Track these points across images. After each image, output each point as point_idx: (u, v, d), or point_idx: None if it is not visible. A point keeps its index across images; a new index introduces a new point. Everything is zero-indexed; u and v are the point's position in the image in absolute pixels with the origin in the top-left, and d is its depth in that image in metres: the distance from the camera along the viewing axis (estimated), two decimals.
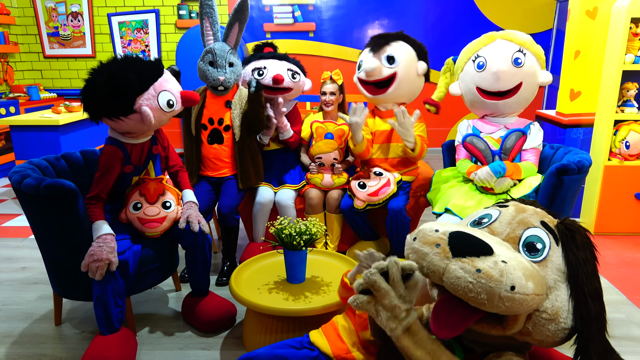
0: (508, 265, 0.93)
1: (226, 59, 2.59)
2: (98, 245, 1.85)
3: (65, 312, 2.34)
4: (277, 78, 2.67)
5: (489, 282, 0.91)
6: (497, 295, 0.91)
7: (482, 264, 0.93)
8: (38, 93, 5.59)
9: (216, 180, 2.69)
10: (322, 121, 2.84)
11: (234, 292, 1.92)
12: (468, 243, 0.97)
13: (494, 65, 2.22)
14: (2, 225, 3.60)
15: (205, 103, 2.68)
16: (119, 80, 1.85)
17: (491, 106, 2.32)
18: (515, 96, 2.25)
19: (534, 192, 2.11)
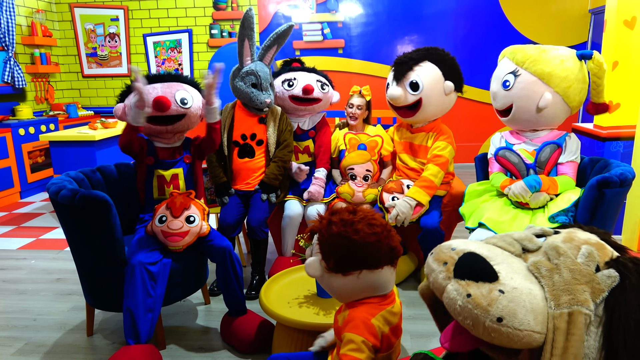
0: (506, 295, 0.90)
1: (268, 81, 2.65)
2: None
3: (98, 322, 2.37)
4: (308, 88, 2.70)
5: (475, 309, 0.90)
6: (482, 324, 0.90)
7: (474, 290, 0.92)
8: (76, 111, 5.81)
9: (245, 193, 2.70)
10: (355, 132, 2.83)
11: (264, 306, 1.90)
12: (473, 265, 0.96)
13: (491, 86, 2.31)
14: (39, 238, 3.71)
15: (235, 119, 2.71)
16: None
17: (504, 122, 2.34)
18: (510, 116, 2.25)
19: (573, 207, 2.03)
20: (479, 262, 0.95)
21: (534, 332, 0.89)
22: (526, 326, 0.88)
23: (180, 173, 2.25)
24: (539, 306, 0.90)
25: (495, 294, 0.89)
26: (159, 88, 2.16)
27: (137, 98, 1.97)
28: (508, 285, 0.91)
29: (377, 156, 2.78)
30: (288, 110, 2.85)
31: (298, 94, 2.75)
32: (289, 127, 2.77)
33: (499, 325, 0.88)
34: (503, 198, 2.26)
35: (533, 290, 0.92)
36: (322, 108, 2.89)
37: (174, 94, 2.18)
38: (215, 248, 2.11)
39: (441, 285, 0.98)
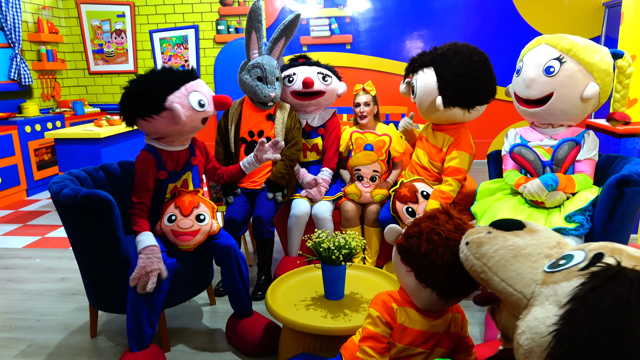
0: (490, 235, 1.11)
1: (274, 75, 2.58)
2: (147, 257, 1.84)
3: (101, 324, 2.33)
4: (307, 81, 2.63)
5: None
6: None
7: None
8: (83, 108, 5.78)
9: (251, 191, 2.65)
10: (362, 132, 2.74)
11: (270, 309, 1.84)
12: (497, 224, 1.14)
13: (525, 72, 2.11)
14: (45, 236, 3.68)
15: (242, 116, 2.65)
16: (151, 80, 1.94)
17: (526, 113, 2.19)
18: (546, 107, 2.09)
19: (590, 206, 1.95)
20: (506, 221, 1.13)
21: (480, 261, 1.09)
22: (477, 251, 1.10)
23: (189, 177, 2.17)
24: (512, 252, 1.06)
25: (482, 234, 1.13)
26: (203, 85, 2.06)
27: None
28: (508, 237, 1.09)
29: (384, 156, 2.70)
30: (294, 107, 2.78)
31: (298, 89, 2.69)
32: (297, 124, 2.70)
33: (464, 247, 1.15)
34: (517, 196, 2.19)
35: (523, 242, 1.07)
36: (329, 101, 2.81)
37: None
38: (220, 247, 2.06)
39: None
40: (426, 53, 2.49)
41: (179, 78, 1.98)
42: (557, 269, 0.97)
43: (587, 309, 0.80)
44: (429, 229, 1.30)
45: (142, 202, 1.98)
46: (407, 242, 1.33)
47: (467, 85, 2.35)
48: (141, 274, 1.80)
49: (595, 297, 0.80)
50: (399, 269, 1.39)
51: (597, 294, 0.80)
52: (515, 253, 1.06)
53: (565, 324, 0.82)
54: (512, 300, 1.02)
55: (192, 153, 2.18)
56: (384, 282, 2.06)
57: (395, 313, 1.36)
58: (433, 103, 2.41)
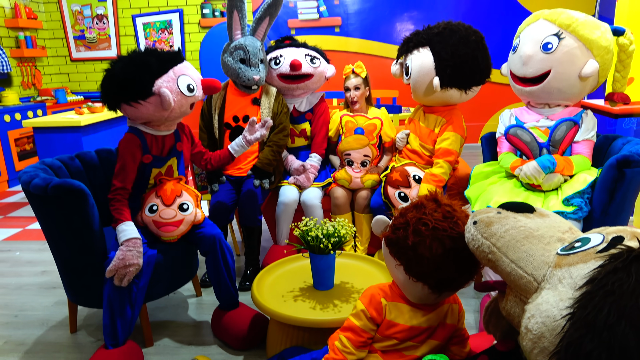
0: (500, 215, 1.05)
1: (258, 56, 2.45)
2: (128, 249, 1.74)
3: (82, 319, 2.24)
4: (295, 63, 2.51)
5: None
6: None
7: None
8: (65, 96, 5.61)
9: (237, 179, 2.55)
10: (352, 115, 2.64)
11: (256, 301, 1.76)
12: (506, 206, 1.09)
13: (522, 48, 2.02)
14: (26, 228, 3.56)
15: (227, 100, 2.54)
16: (137, 63, 1.81)
17: (522, 92, 2.12)
18: (543, 85, 2.01)
19: (589, 188, 1.87)
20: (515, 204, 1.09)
21: (487, 242, 1.03)
22: (484, 234, 1.05)
23: (174, 163, 2.06)
24: (525, 233, 1.00)
25: (491, 212, 1.08)
26: (190, 69, 1.96)
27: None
28: (519, 217, 1.05)
29: (375, 140, 2.60)
30: (281, 90, 2.67)
31: (286, 72, 2.57)
32: (284, 108, 2.59)
33: (471, 226, 1.09)
34: (512, 180, 2.11)
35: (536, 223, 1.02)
36: (317, 84, 2.69)
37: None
38: (205, 237, 1.96)
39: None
40: (421, 32, 2.38)
41: (165, 60, 1.86)
42: (572, 251, 0.90)
43: (607, 292, 0.74)
44: (416, 219, 1.21)
45: (125, 187, 1.88)
46: (394, 234, 1.25)
47: (465, 65, 2.26)
48: (119, 266, 1.71)
49: (616, 280, 0.74)
50: (389, 262, 1.31)
51: (618, 276, 0.74)
52: (526, 234, 0.99)
53: (582, 307, 0.76)
54: (521, 283, 0.95)
55: (178, 138, 2.08)
56: (376, 271, 1.98)
57: (383, 309, 1.29)
58: (430, 84, 2.32)
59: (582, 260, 0.85)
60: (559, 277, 0.87)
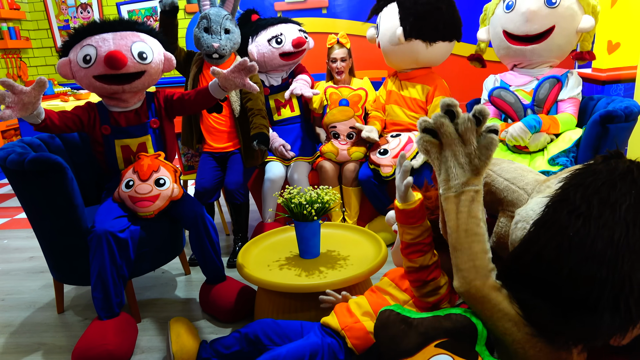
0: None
1: (221, 25, 2.40)
2: None
3: (70, 299, 2.22)
4: (300, 42, 2.56)
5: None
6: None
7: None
8: (52, 88, 5.53)
9: (221, 155, 2.52)
10: (336, 86, 2.61)
11: (241, 270, 1.74)
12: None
13: (523, 5, 1.96)
14: (14, 218, 3.53)
15: (202, 71, 2.51)
16: (75, 32, 1.91)
17: (518, 53, 2.07)
18: (546, 42, 1.98)
19: (574, 147, 1.86)
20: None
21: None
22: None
23: (148, 141, 2.03)
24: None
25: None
26: (110, 40, 1.84)
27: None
28: None
29: (361, 111, 2.57)
30: (274, 67, 2.64)
31: (289, 50, 2.57)
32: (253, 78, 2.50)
33: None
34: (499, 144, 2.09)
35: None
36: (301, 57, 2.70)
37: (130, 46, 1.87)
38: (185, 212, 1.94)
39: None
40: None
41: (95, 29, 1.88)
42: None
43: (581, 184, 0.82)
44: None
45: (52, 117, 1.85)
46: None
47: (428, 15, 2.29)
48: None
49: (590, 173, 0.82)
50: None
51: (592, 172, 0.82)
52: (519, 166, 1.10)
53: (559, 195, 0.85)
54: (513, 197, 1.03)
55: (153, 114, 2.04)
56: (363, 239, 1.96)
57: None
58: (394, 37, 2.35)
59: (567, 171, 0.93)
60: (547, 185, 0.96)
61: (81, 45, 1.86)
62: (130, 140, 1.99)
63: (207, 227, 1.95)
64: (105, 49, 1.83)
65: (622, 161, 0.82)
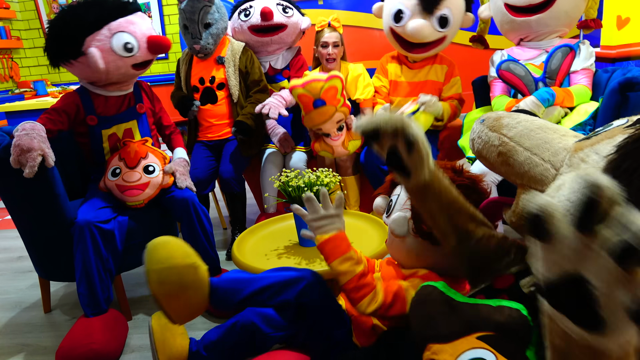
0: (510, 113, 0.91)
1: (198, 22, 2.23)
2: (24, 132, 1.52)
3: (58, 298, 2.10)
4: (265, 11, 2.33)
5: (488, 125, 0.91)
6: (495, 145, 0.89)
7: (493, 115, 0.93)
8: (45, 88, 5.41)
9: (215, 143, 2.40)
10: (302, 84, 2.05)
11: (236, 260, 1.61)
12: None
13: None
14: (4, 219, 3.42)
15: (193, 62, 2.38)
16: (68, 18, 1.64)
17: (523, 25, 1.94)
18: (551, 10, 1.85)
19: (591, 119, 1.73)
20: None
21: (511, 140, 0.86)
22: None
23: (134, 127, 1.91)
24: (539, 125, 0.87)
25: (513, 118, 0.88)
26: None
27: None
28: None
29: (342, 100, 2.14)
30: (253, 47, 2.50)
31: (256, 22, 2.38)
32: (254, 63, 2.39)
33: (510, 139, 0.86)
34: None
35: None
36: (292, 37, 2.51)
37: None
38: (176, 201, 1.82)
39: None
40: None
41: (108, 11, 1.69)
42: (594, 134, 0.77)
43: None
44: None
45: (49, 117, 1.74)
46: None
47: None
48: (16, 155, 1.49)
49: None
50: (415, 247, 1.18)
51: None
52: (540, 125, 0.87)
53: (616, 168, 0.65)
54: (536, 172, 0.83)
55: (139, 99, 1.92)
56: (366, 226, 1.83)
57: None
58: (468, 20, 2.26)
59: (607, 136, 0.72)
60: (581, 157, 0.74)
61: (105, 34, 1.68)
62: (117, 127, 1.87)
63: (199, 215, 1.83)
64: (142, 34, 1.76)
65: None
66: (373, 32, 5.33)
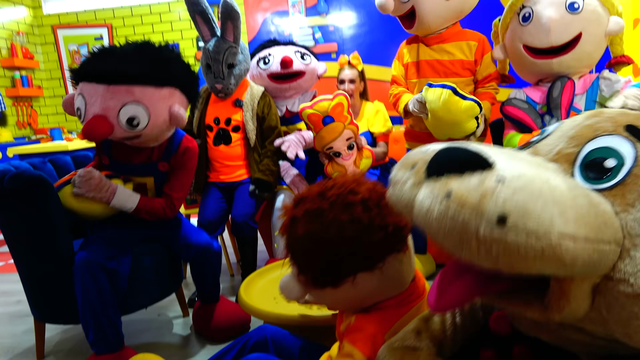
0: (508, 183, 0.51)
1: (222, 62, 2.22)
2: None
3: (53, 344, 1.98)
4: (285, 60, 2.35)
5: (460, 210, 0.51)
6: (474, 235, 0.50)
7: (457, 185, 0.53)
8: (61, 135, 5.49)
9: (227, 185, 2.34)
10: (310, 105, 2.12)
11: (242, 302, 1.51)
12: (453, 156, 0.57)
13: (543, 15, 1.81)
14: (8, 262, 3.33)
15: (210, 101, 2.37)
16: None
17: (544, 68, 1.90)
18: (574, 51, 1.82)
19: None
20: (462, 152, 0.56)
21: (588, 240, 0.50)
22: (565, 229, 0.49)
23: (149, 183, 1.73)
24: (578, 202, 0.52)
25: (489, 184, 0.51)
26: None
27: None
28: (509, 171, 0.53)
29: (349, 117, 2.13)
30: (271, 92, 2.50)
31: (276, 70, 2.40)
32: (272, 109, 2.38)
33: (503, 230, 0.49)
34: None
35: (553, 180, 0.53)
36: (309, 83, 2.54)
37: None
38: (187, 245, 1.76)
39: (408, 197, 0.58)
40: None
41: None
42: (615, 179, 0.59)
43: None
44: (292, 217, 0.94)
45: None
46: None
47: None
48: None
49: None
50: (323, 298, 0.98)
51: None
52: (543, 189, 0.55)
53: None
54: (593, 260, 0.52)
55: (166, 157, 1.73)
56: None
57: None
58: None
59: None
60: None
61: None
62: (127, 182, 1.72)
63: (212, 262, 1.79)
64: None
65: None
66: (384, 83, 5.40)
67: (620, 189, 0.58)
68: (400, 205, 0.61)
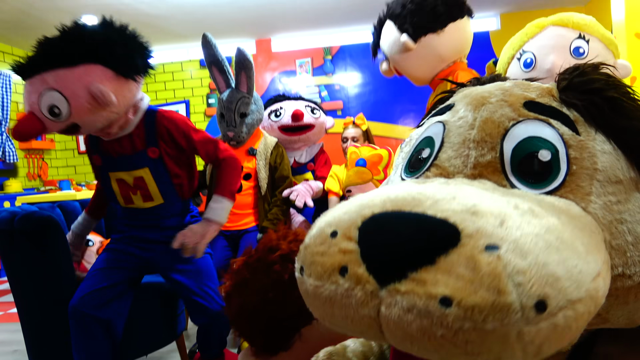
0: (507, 253, 0.37)
1: (235, 111, 2.30)
2: None
3: None
4: (297, 113, 2.45)
5: (480, 317, 0.36)
6: (514, 338, 0.37)
7: (445, 280, 0.37)
8: (69, 186, 5.58)
9: (232, 233, 2.34)
10: (357, 145, 2.40)
11: None
12: (400, 239, 0.40)
13: (546, 60, 1.78)
14: (7, 312, 3.29)
15: None
16: None
17: None
18: None
19: None
20: (406, 223, 0.41)
21: (592, 274, 0.40)
22: (581, 280, 0.39)
23: (146, 175, 1.58)
24: (568, 230, 0.42)
25: (488, 267, 0.37)
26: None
27: None
28: (488, 230, 0.39)
29: (382, 174, 2.29)
30: (281, 144, 2.57)
31: (287, 123, 2.50)
32: (285, 159, 2.43)
33: (543, 314, 0.36)
34: None
35: (534, 211, 0.43)
36: (317, 136, 2.62)
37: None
38: (204, 311, 1.71)
39: (366, 319, 0.41)
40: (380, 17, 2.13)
41: None
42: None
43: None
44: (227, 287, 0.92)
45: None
46: None
47: (420, 7, 1.94)
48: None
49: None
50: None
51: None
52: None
53: None
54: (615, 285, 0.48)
55: (152, 142, 1.57)
56: None
57: None
58: (405, 50, 1.95)
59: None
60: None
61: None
62: (125, 174, 1.58)
63: (221, 331, 1.76)
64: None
65: None
66: (389, 140, 5.52)
67: (573, 181, 0.49)
68: (357, 331, 0.43)
